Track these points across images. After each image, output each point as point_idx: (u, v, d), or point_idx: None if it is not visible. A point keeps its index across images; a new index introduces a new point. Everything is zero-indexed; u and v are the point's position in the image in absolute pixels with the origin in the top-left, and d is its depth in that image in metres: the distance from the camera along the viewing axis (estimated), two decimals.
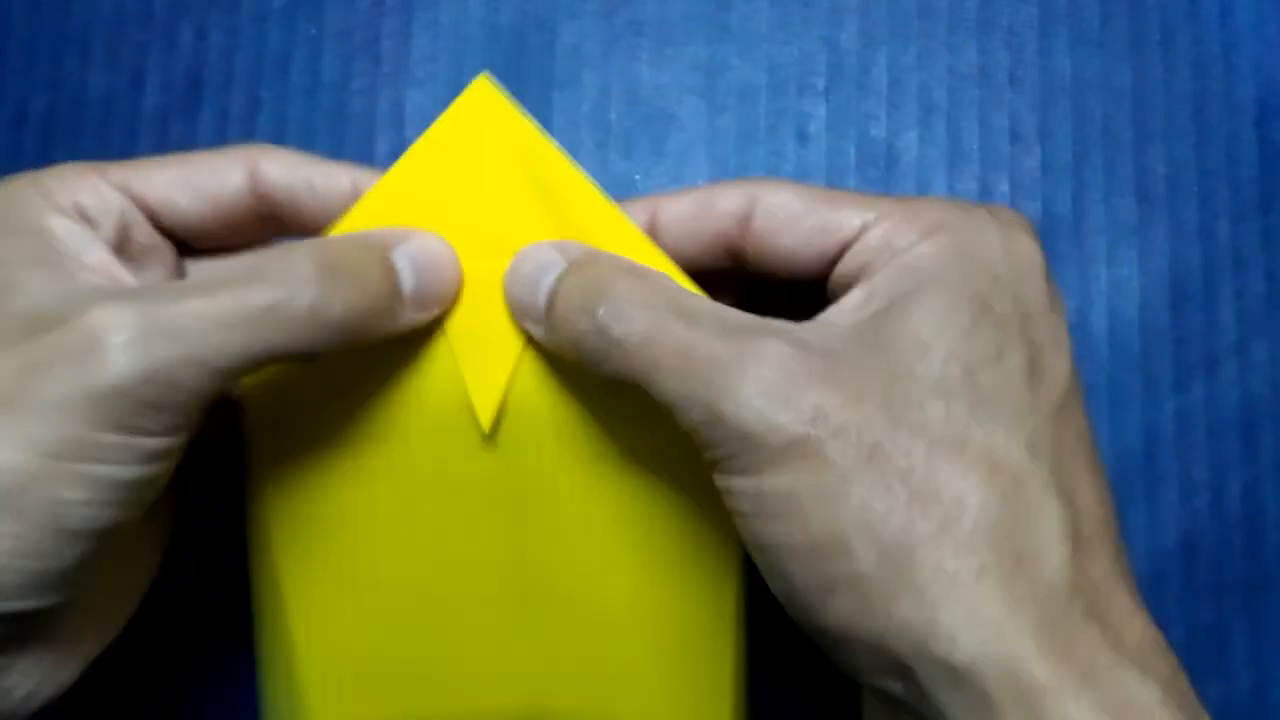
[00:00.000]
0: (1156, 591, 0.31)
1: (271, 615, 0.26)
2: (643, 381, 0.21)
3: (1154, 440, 0.31)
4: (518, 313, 0.23)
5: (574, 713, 0.26)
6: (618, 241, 0.23)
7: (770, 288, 0.25)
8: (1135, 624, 0.19)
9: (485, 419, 0.24)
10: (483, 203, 0.24)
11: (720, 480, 0.20)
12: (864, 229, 0.22)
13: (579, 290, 0.22)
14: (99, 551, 0.21)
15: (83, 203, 0.23)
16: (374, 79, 0.33)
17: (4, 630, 0.20)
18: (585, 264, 0.22)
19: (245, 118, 0.33)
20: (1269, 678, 0.30)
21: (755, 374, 0.19)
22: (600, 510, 0.25)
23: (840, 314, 0.22)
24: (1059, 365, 0.21)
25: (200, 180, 0.24)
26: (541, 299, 0.23)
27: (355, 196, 0.24)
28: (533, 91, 0.33)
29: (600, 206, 0.23)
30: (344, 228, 0.24)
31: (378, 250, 0.22)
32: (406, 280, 0.23)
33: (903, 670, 0.19)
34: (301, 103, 0.33)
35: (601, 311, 0.21)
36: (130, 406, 0.20)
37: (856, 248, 0.23)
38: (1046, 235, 0.32)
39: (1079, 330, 0.31)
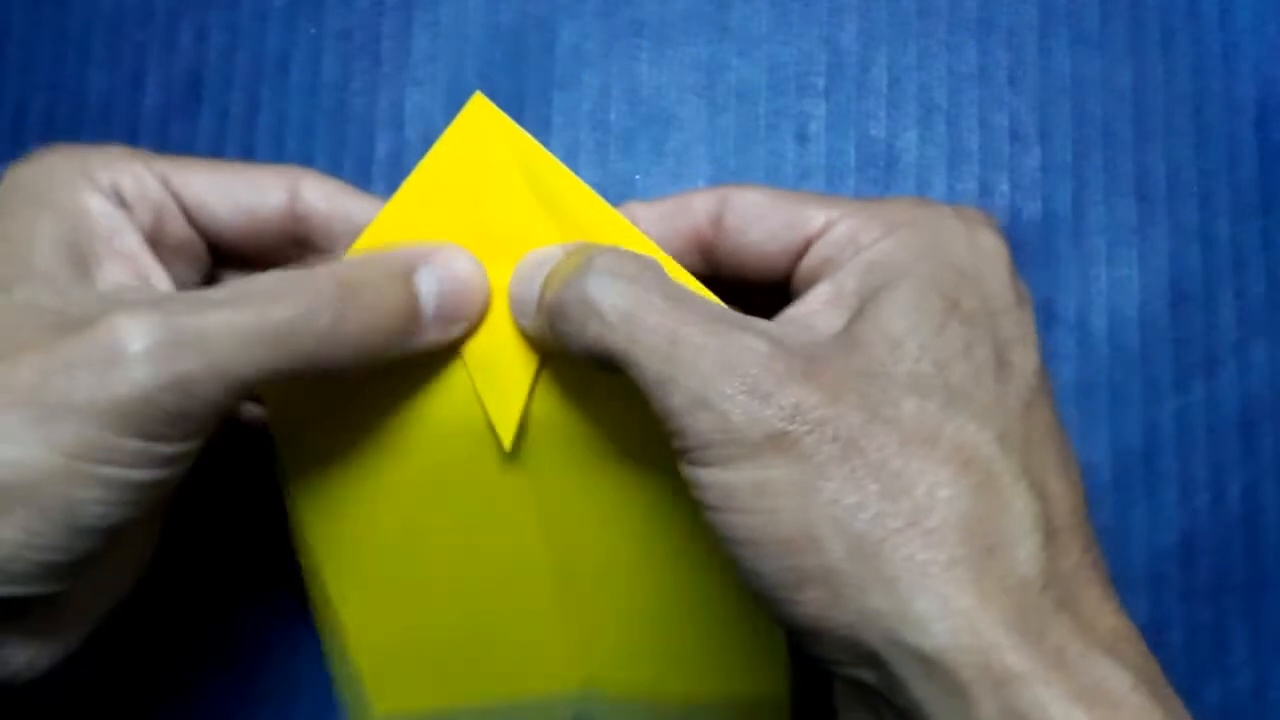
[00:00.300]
0: (1156, 591, 0.31)
1: (324, 612, 0.26)
2: (622, 359, 0.21)
3: (1154, 440, 0.31)
4: (515, 310, 0.24)
5: (625, 685, 0.26)
6: (603, 224, 0.24)
7: (741, 292, 0.25)
8: (1106, 614, 0.20)
9: (506, 436, 0.24)
10: (489, 218, 0.24)
11: (688, 471, 0.20)
12: (828, 225, 0.23)
13: (565, 267, 0.22)
14: (106, 546, 0.21)
15: (121, 185, 0.24)
16: (374, 79, 0.33)
17: (4, 609, 0.21)
18: (580, 249, 0.23)
19: (245, 118, 0.33)
20: (1269, 678, 0.30)
21: (741, 368, 0.19)
22: (629, 520, 0.25)
23: (809, 310, 0.22)
24: (1027, 360, 0.21)
25: (240, 190, 0.25)
26: (535, 288, 0.23)
27: None
28: (533, 91, 0.33)
29: (604, 214, 0.24)
30: (358, 248, 0.24)
31: (400, 270, 0.23)
32: (428, 300, 0.23)
33: (875, 661, 0.19)
34: (301, 103, 0.33)
35: (584, 280, 0.21)
36: (150, 414, 0.20)
37: (820, 243, 0.23)
38: (1046, 235, 0.32)
39: (1079, 330, 0.31)
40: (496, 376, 0.24)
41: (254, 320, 0.21)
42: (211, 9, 0.33)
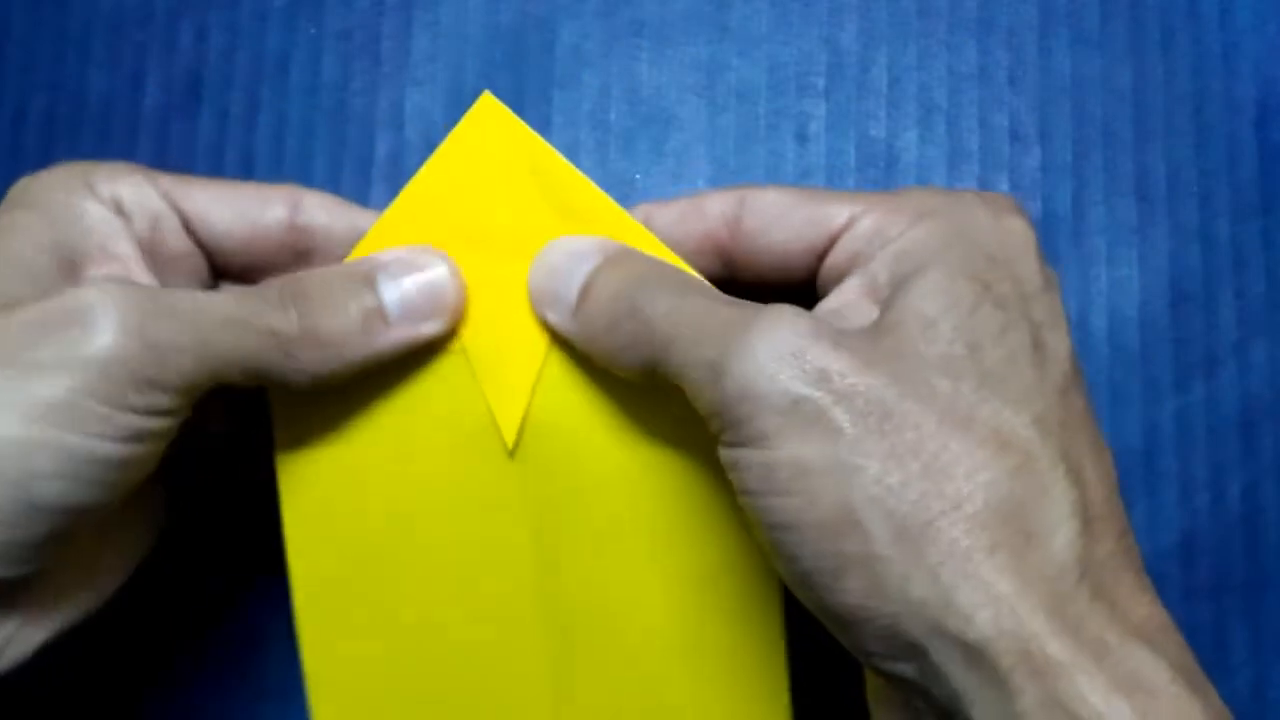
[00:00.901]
0: (1157, 591, 0.31)
1: (302, 634, 0.26)
2: (662, 357, 0.21)
3: (1154, 440, 0.31)
4: (542, 302, 0.23)
5: None
6: (626, 234, 0.24)
7: (760, 297, 0.25)
8: (1143, 603, 0.20)
9: (509, 433, 0.24)
10: (497, 215, 0.24)
11: (727, 455, 0.20)
12: (853, 220, 0.23)
13: (619, 280, 0.22)
14: (71, 529, 0.21)
15: (121, 196, 0.24)
16: (374, 79, 0.33)
17: None
18: (625, 258, 0.23)
19: (245, 118, 0.33)
20: (1268, 677, 0.30)
21: (763, 332, 0.19)
22: (631, 524, 0.25)
23: (841, 302, 0.22)
24: (1060, 344, 0.21)
25: (242, 202, 0.25)
26: (575, 287, 0.23)
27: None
28: (533, 91, 0.33)
29: (614, 214, 0.24)
30: (362, 250, 0.24)
31: (361, 271, 0.23)
32: (391, 297, 0.23)
33: (916, 651, 0.19)
34: (301, 103, 0.33)
35: (638, 296, 0.21)
36: (116, 376, 0.20)
37: (846, 238, 0.23)
38: (1046, 235, 0.32)
39: (1079, 330, 0.31)
40: (500, 372, 0.24)
41: (224, 301, 0.21)
42: (211, 9, 0.33)
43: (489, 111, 0.24)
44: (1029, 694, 0.18)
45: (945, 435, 0.19)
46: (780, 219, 0.23)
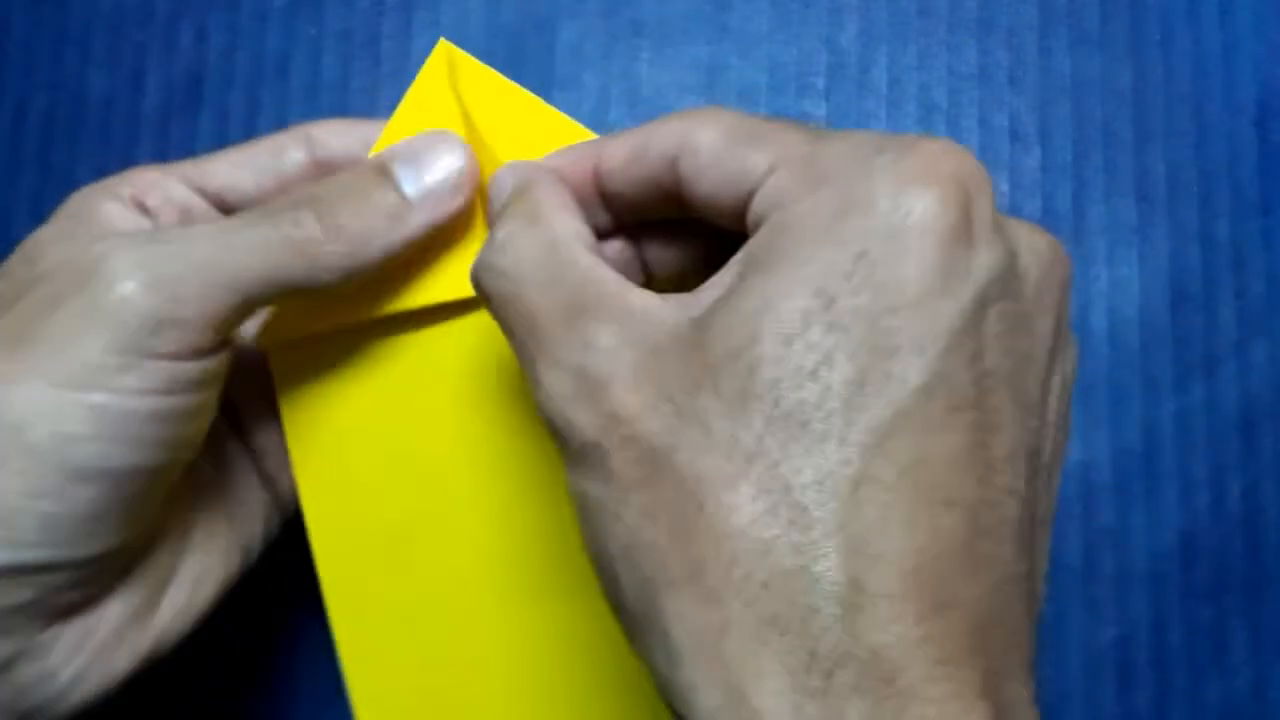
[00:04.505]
0: (1156, 591, 0.31)
1: (331, 613, 0.26)
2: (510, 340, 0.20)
3: (1154, 440, 0.31)
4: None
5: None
6: (554, 132, 0.24)
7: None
8: (934, 701, 0.16)
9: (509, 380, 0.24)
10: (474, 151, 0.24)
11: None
12: (764, 177, 0.19)
13: (502, 217, 0.20)
14: (133, 497, 0.20)
15: (141, 196, 0.24)
16: (374, 79, 0.33)
17: (34, 590, 0.20)
18: (520, 190, 0.21)
19: (245, 118, 0.33)
20: (1269, 677, 0.30)
21: (564, 367, 0.18)
22: None
23: (711, 289, 0.19)
24: (911, 372, 0.17)
25: (260, 159, 0.25)
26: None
27: None
28: (533, 91, 0.33)
29: (578, 135, 0.23)
30: None
31: (372, 164, 0.23)
32: (409, 184, 0.22)
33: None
34: (301, 103, 0.33)
35: (494, 258, 0.20)
36: (135, 323, 0.20)
37: (757, 199, 0.19)
38: None
39: (1079, 330, 0.31)
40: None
41: (231, 225, 0.21)
42: (211, 9, 0.33)
43: (447, 56, 0.24)
44: None
45: (707, 491, 0.16)
46: (711, 166, 0.20)
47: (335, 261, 0.22)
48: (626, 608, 0.17)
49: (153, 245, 0.20)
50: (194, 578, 0.23)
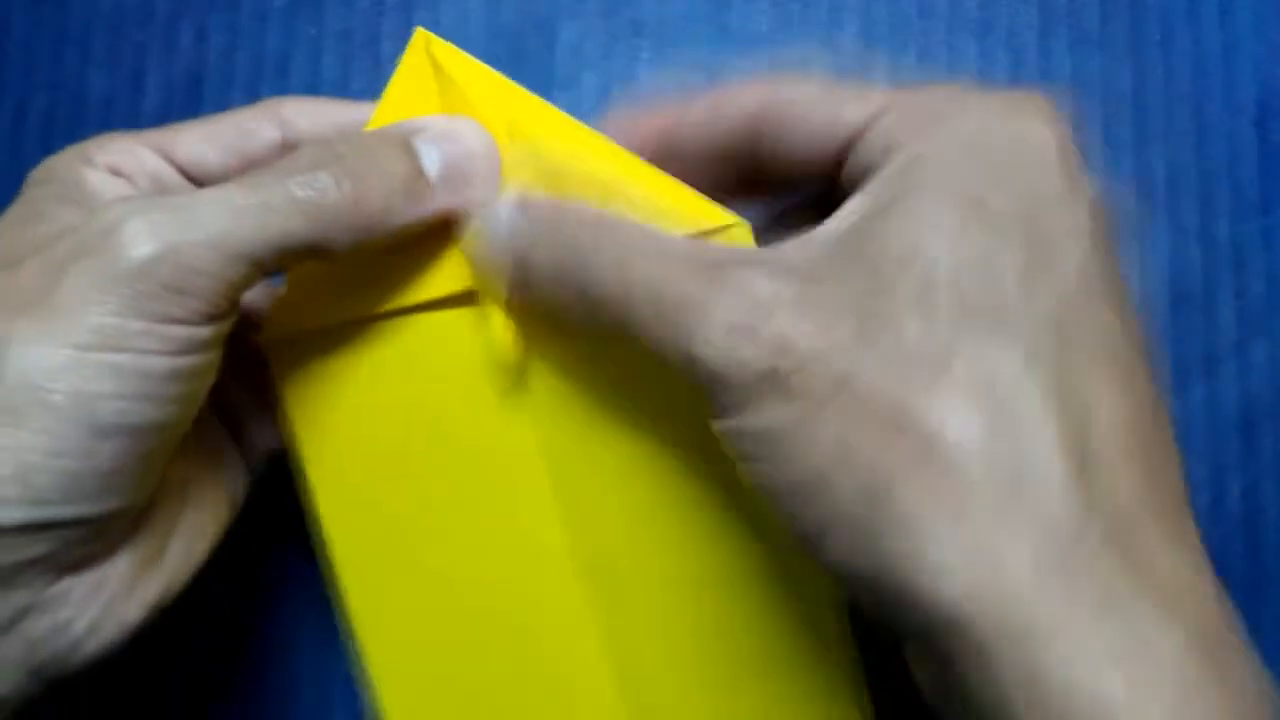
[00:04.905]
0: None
1: (341, 608, 0.26)
2: (623, 335, 0.20)
3: None
4: (490, 277, 0.23)
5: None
6: (587, 150, 0.23)
7: (803, 197, 0.24)
8: (1168, 556, 0.17)
9: (515, 375, 0.24)
10: None
11: (714, 425, 0.20)
12: (868, 125, 0.21)
13: (554, 257, 0.21)
14: (146, 454, 0.21)
15: (116, 163, 0.24)
16: (374, 79, 0.33)
17: (50, 545, 0.20)
18: (554, 225, 0.21)
19: None
20: (1269, 677, 0.30)
21: (720, 311, 0.19)
22: (654, 475, 0.24)
23: (835, 225, 0.20)
24: (1069, 260, 0.19)
25: (228, 137, 0.25)
26: (510, 264, 0.22)
27: None
28: (533, 91, 0.33)
29: (565, 124, 0.23)
30: None
31: (397, 135, 0.22)
32: (431, 161, 0.22)
33: (900, 613, 0.17)
34: None
35: (580, 275, 0.20)
36: (152, 291, 0.20)
37: (860, 146, 0.21)
38: None
39: None
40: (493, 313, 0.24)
41: (247, 192, 0.21)
42: (211, 9, 0.33)
43: (426, 46, 0.24)
44: (1009, 663, 0.16)
45: (913, 383, 0.17)
46: (803, 119, 0.21)
47: (349, 231, 0.21)
48: (846, 511, 0.17)
49: (166, 213, 0.20)
50: (193, 529, 0.24)
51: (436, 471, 0.25)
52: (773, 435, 0.18)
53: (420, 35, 0.24)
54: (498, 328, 0.23)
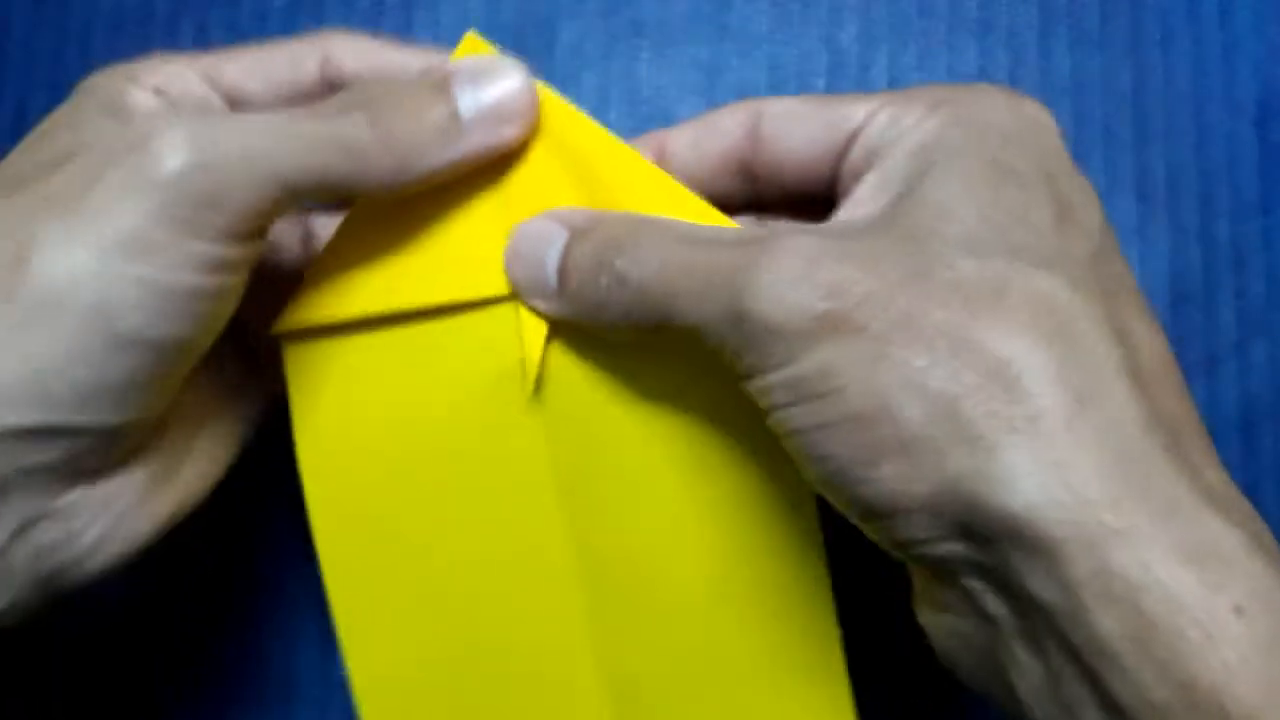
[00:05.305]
0: None
1: (333, 606, 0.25)
2: (665, 315, 0.20)
3: None
4: (526, 292, 0.23)
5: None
6: (627, 171, 0.23)
7: (785, 207, 0.25)
8: (1213, 470, 0.18)
9: (530, 379, 0.24)
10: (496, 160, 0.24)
11: (754, 384, 0.20)
12: (869, 117, 0.22)
13: (593, 252, 0.22)
14: (164, 371, 0.21)
15: (163, 85, 0.24)
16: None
17: (61, 451, 0.20)
18: (593, 227, 0.22)
19: None
20: None
21: (770, 266, 0.19)
22: (657, 468, 0.24)
23: (856, 202, 0.22)
24: (1090, 217, 0.20)
25: (272, 69, 0.25)
26: (551, 272, 0.22)
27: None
28: None
29: (606, 143, 0.23)
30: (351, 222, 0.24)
31: (433, 78, 0.23)
32: (467, 101, 0.22)
33: (961, 528, 0.18)
34: None
35: (619, 264, 0.21)
36: (184, 201, 0.20)
37: (863, 136, 0.22)
38: None
39: None
40: (513, 316, 0.24)
41: (286, 120, 0.21)
42: (212, 8, 0.33)
43: (475, 50, 0.23)
44: (1082, 564, 0.17)
45: (974, 310, 0.18)
46: (798, 124, 0.23)
47: (381, 170, 0.22)
48: (910, 434, 0.18)
49: (204, 126, 0.20)
50: (206, 454, 0.24)
51: (439, 476, 0.25)
52: (832, 369, 0.19)
53: (470, 37, 0.24)
54: (530, 332, 0.23)
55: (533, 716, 0.25)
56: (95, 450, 0.21)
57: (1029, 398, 0.18)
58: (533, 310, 0.23)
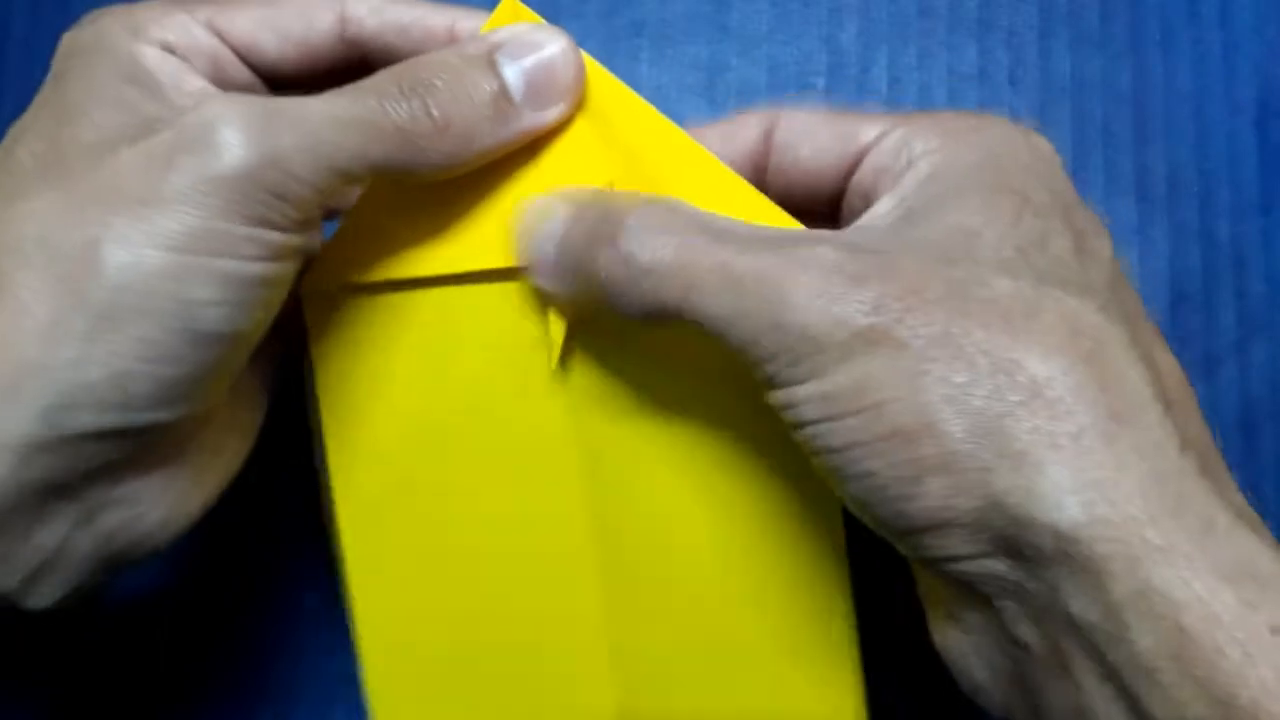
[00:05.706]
0: None
1: (348, 588, 0.25)
2: (680, 307, 0.20)
3: None
4: (533, 272, 0.23)
5: (671, 710, 0.25)
6: (670, 147, 0.23)
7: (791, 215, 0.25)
8: (1236, 492, 0.19)
9: (555, 354, 0.24)
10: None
11: (780, 396, 0.20)
12: (882, 136, 0.23)
13: (591, 226, 0.21)
14: (229, 362, 0.21)
15: (170, 40, 0.23)
16: None
17: (135, 447, 0.20)
18: (594, 202, 0.22)
19: None
20: None
21: (809, 277, 0.19)
22: (679, 446, 0.24)
23: (874, 221, 0.22)
24: (1103, 248, 0.21)
25: (286, 22, 0.24)
26: (549, 246, 0.22)
27: (451, 40, 0.24)
28: None
29: (649, 115, 0.23)
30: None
31: (480, 55, 0.22)
32: (515, 80, 0.22)
33: (1005, 545, 0.18)
34: None
35: (623, 241, 0.21)
36: (254, 194, 0.20)
37: (873, 154, 0.23)
38: None
39: None
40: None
41: (345, 104, 0.21)
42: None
43: (513, 12, 0.23)
44: (1124, 582, 0.17)
45: (1013, 329, 0.18)
46: (809, 135, 0.24)
47: (438, 155, 0.22)
48: (953, 450, 0.18)
49: (268, 117, 0.20)
50: (244, 424, 0.24)
51: (461, 445, 0.25)
52: (870, 385, 0.19)
53: (509, 1, 0.23)
54: (553, 307, 0.23)
55: (538, 685, 0.26)
56: (165, 442, 0.21)
57: (1070, 415, 0.18)
58: (539, 290, 0.23)
